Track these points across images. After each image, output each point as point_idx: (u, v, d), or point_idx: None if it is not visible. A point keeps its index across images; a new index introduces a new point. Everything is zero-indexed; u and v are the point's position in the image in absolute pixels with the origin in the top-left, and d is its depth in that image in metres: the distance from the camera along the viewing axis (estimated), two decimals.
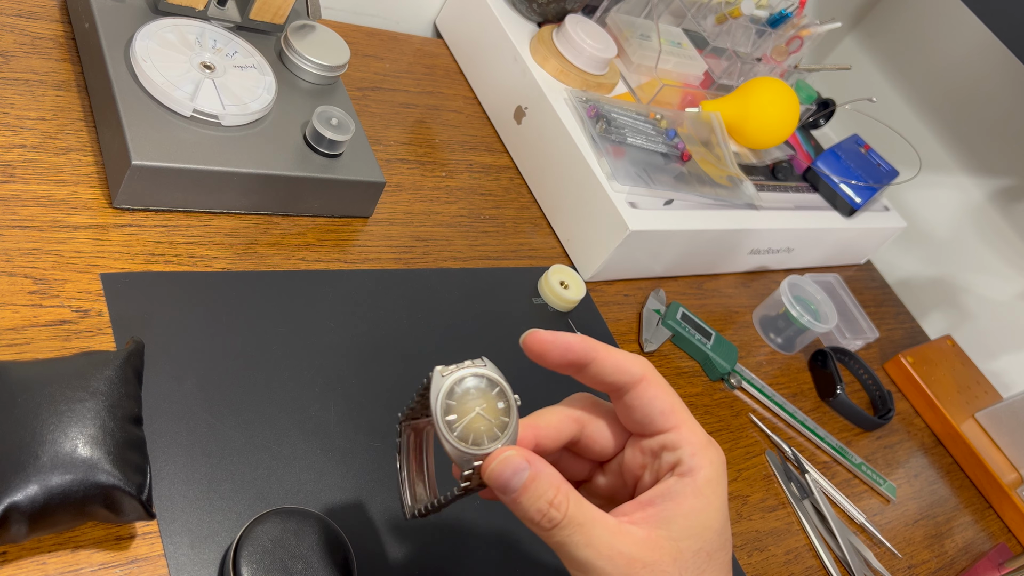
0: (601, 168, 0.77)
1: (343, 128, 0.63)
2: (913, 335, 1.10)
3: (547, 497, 0.37)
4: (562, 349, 0.40)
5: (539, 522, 0.38)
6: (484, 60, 0.87)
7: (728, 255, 0.89)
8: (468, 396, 0.38)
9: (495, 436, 0.38)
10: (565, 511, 0.37)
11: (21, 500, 0.38)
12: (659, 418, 0.40)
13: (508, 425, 0.38)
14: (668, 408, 0.40)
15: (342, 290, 0.62)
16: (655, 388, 0.40)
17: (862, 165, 1.01)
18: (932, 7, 1.19)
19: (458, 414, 0.38)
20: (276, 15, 0.66)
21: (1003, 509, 0.91)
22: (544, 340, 0.41)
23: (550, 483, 0.38)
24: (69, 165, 0.56)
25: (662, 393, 0.40)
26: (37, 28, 0.62)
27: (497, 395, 0.39)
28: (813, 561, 0.72)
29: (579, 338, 0.41)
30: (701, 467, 0.39)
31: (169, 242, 0.57)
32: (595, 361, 0.40)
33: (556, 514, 0.37)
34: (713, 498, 0.39)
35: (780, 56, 1.00)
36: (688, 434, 0.40)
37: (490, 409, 0.38)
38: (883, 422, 0.89)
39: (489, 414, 0.38)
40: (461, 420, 0.37)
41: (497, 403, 0.38)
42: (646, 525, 0.38)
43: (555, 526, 0.37)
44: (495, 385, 0.39)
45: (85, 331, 0.50)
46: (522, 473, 0.38)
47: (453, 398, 0.38)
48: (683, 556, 0.38)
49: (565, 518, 0.37)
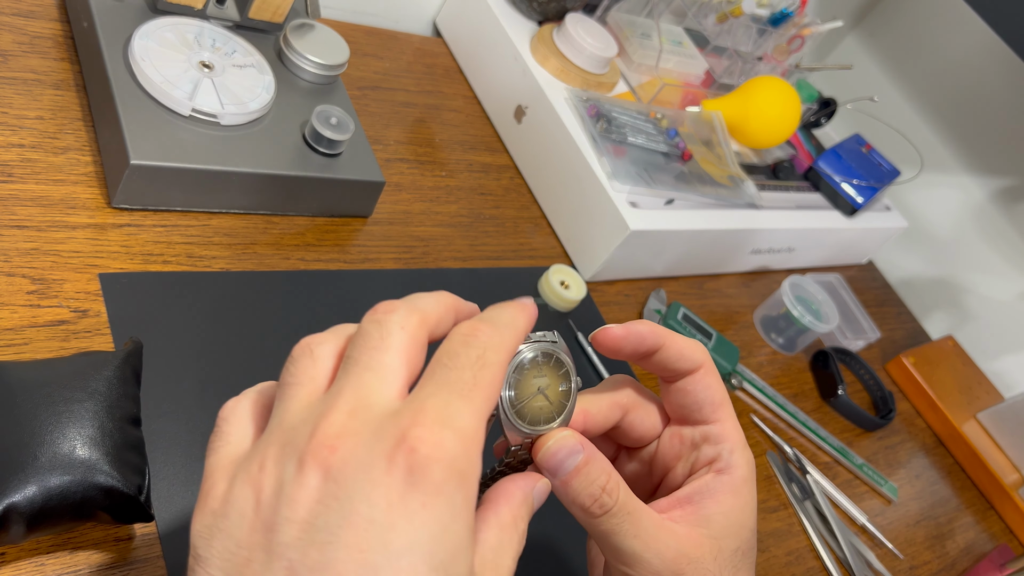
0: (602, 167, 0.77)
1: (342, 127, 0.63)
2: (915, 335, 1.10)
3: (599, 482, 0.37)
4: (636, 341, 0.40)
5: (590, 507, 0.37)
6: (484, 59, 0.87)
7: (729, 255, 0.89)
8: (533, 373, 0.37)
9: (551, 418, 0.37)
10: (617, 498, 0.37)
11: (19, 501, 0.38)
12: (708, 408, 0.40)
13: (566, 408, 0.38)
14: (719, 400, 0.40)
15: (341, 290, 0.62)
16: (711, 377, 0.40)
17: (863, 165, 1.01)
18: (934, 6, 1.19)
19: (519, 391, 0.36)
20: (275, 14, 0.66)
21: (1005, 510, 0.91)
22: (618, 336, 0.40)
23: (602, 469, 0.37)
24: (67, 165, 0.56)
25: (716, 383, 0.40)
26: (36, 27, 0.62)
27: (562, 376, 0.37)
28: (814, 562, 0.71)
29: (648, 327, 0.40)
30: (739, 465, 0.39)
31: (168, 242, 0.57)
32: (663, 348, 0.40)
33: (608, 500, 0.37)
34: (748, 497, 0.39)
35: (781, 55, 0.99)
36: (732, 430, 0.40)
37: (552, 389, 0.37)
38: (884, 423, 0.89)
39: (551, 394, 0.37)
40: (522, 397, 0.36)
41: (559, 385, 0.37)
42: (685, 523, 0.38)
43: (605, 512, 0.37)
44: (562, 366, 0.38)
45: (84, 331, 0.50)
46: (576, 456, 0.37)
47: (520, 373, 0.36)
48: (723, 554, 0.38)
49: (616, 505, 0.37)
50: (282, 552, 0.28)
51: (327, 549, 0.27)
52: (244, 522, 0.29)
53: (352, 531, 0.27)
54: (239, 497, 0.30)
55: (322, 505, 0.28)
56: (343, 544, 0.27)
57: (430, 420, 0.29)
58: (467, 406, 0.30)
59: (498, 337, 0.32)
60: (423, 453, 0.28)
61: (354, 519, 0.27)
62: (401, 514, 0.27)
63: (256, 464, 0.30)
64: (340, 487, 0.28)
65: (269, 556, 0.28)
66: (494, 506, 0.34)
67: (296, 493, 0.28)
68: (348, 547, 0.27)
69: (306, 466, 0.29)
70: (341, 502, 0.28)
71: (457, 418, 0.29)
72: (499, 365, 0.32)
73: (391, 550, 0.27)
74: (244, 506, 0.29)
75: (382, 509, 0.27)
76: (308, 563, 0.27)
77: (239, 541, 0.29)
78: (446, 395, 0.30)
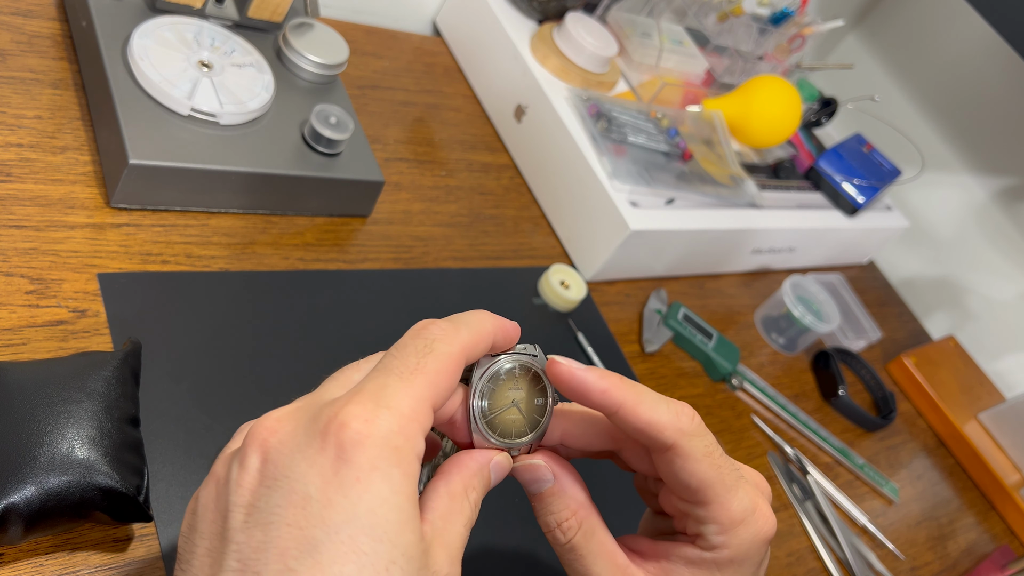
0: (602, 167, 0.77)
1: (342, 127, 0.63)
2: (916, 335, 1.10)
3: (559, 517, 0.37)
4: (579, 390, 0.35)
5: (548, 532, 0.38)
6: (484, 58, 0.87)
7: (730, 255, 0.89)
8: (509, 384, 0.36)
9: (522, 432, 0.37)
10: (571, 537, 0.37)
11: (18, 501, 0.38)
12: (686, 493, 0.36)
13: (539, 424, 0.37)
14: (697, 485, 0.36)
15: (341, 290, 0.61)
16: (682, 460, 0.35)
17: (864, 164, 1.01)
18: (935, 5, 1.18)
19: (492, 401, 0.36)
20: (274, 13, 0.66)
21: (1006, 511, 0.91)
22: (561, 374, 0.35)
23: (566, 504, 0.37)
24: (66, 164, 0.56)
25: (696, 467, 0.35)
26: (34, 26, 0.62)
27: (539, 391, 0.37)
28: (815, 563, 0.71)
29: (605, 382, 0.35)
30: (725, 547, 0.36)
31: (166, 242, 0.57)
32: (620, 410, 0.35)
33: (561, 537, 0.37)
34: (743, 570, 0.37)
35: (782, 54, 0.99)
36: (718, 512, 0.36)
37: (527, 403, 0.37)
38: (886, 423, 0.88)
39: (524, 408, 0.37)
40: (495, 408, 0.36)
41: (535, 399, 0.37)
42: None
43: (559, 545, 0.37)
44: (540, 380, 0.37)
45: (82, 331, 0.49)
46: (543, 484, 0.37)
47: (495, 383, 0.36)
48: None
49: (570, 543, 0.37)
50: (232, 536, 0.29)
51: (269, 529, 0.28)
52: (207, 514, 0.30)
53: (291, 509, 0.28)
54: (204, 494, 0.31)
55: (263, 487, 0.29)
56: (283, 522, 0.28)
57: (363, 399, 0.30)
58: (404, 387, 0.30)
59: (453, 331, 0.33)
60: (354, 429, 0.29)
61: (292, 498, 0.28)
62: (336, 489, 0.28)
63: (220, 461, 0.32)
64: (278, 468, 0.29)
65: (224, 543, 0.29)
66: (445, 476, 0.34)
67: (241, 478, 0.29)
68: (288, 525, 0.28)
69: (248, 451, 0.30)
70: (279, 482, 0.29)
71: (392, 397, 0.30)
72: (447, 355, 0.32)
73: (329, 525, 0.28)
74: (207, 500, 0.31)
75: (318, 486, 0.28)
76: (253, 544, 0.28)
77: (203, 533, 0.30)
78: (384, 378, 0.31)
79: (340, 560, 0.27)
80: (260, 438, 0.30)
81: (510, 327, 0.36)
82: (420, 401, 0.30)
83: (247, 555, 0.28)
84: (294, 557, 0.27)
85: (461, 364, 0.33)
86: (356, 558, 0.27)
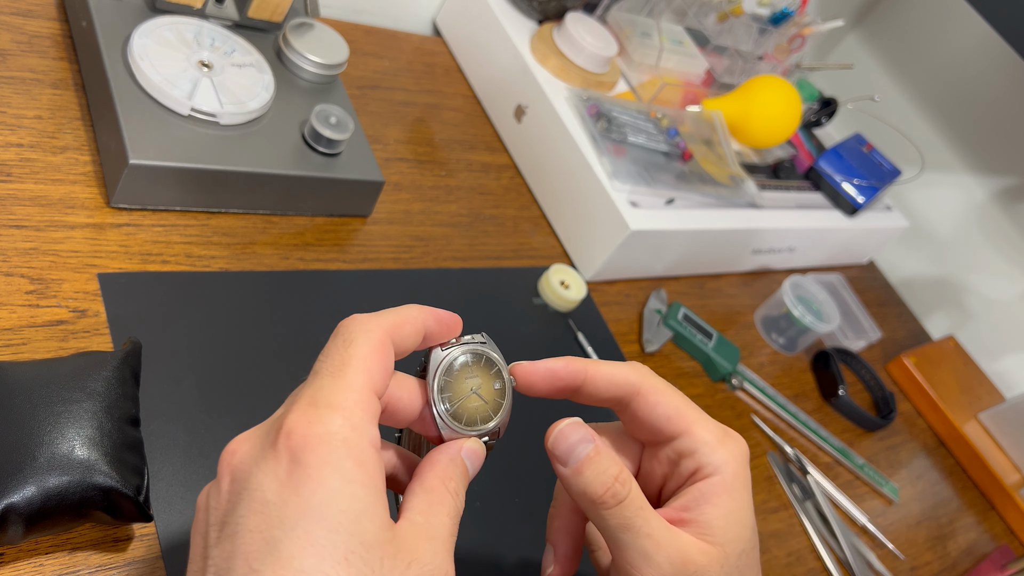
0: (602, 167, 0.77)
1: (342, 127, 0.63)
2: (916, 335, 1.10)
3: (612, 472, 0.36)
4: (546, 377, 0.38)
5: (602, 496, 0.36)
6: (484, 58, 0.87)
7: (730, 255, 0.89)
8: (464, 373, 0.37)
9: (488, 417, 0.37)
10: (630, 489, 0.36)
11: (18, 501, 0.38)
12: (666, 425, 0.38)
13: (502, 407, 0.37)
14: (673, 412, 0.38)
15: (341, 290, 0.61)
16: (655, 395, 0.38)
17: (864, 164, 1.01)
18: (935, 5, 1.18)
19: (453, 392, 0.37)
20: (274, 13, 0.66)
21: (1006, 510, 0.91)
22: (526, 372, 0.38)
23: (614, 459, 0.37)
24: (66, 164, 0.56)
25: (663, 398, 0.39)
26: (34, 26, 0.62)
27: (495, 375, 0.37)
28: (815, 563, 0.71)
29: (562, 361, 0.38)
30: (725, 463, 0.38)
31: (167, 242, 0.57)
32: (586, 381, 0.38)
33: (621, 490, 0.36)
34: (744, 491, 0.38)
35: (782, 54, 0.99)
36: (701, 433, 0.38)
37: (485, 389, 0.37)
38: (885, 423, 0.88)
39: (484, 394, 0.37)
40: (456, 400, 0.37)
41: (493, 384, 0.37)
42: (688, 531, 0.37)
43: (620, 503, 0.36)
44: (493, 364, 0.38)
45: (82, 331, 0.49)
46: (587, 445, 0.37)
47: (450, 375, 0.37)
48: (729, 561, 0.37)
49: (629, 496, 0.36)
50: (209, 553, 0.30)
51: (236, 538, 0.29)
52: (196, 539, 0.32)
53: (252, 516, 0.29)
54: (193, 524, 0.33)
55: (230, 504, 0.31)
56: (246, 529, 0.29)
57: (302, 405, 0.31)
58: (337, 382, 0.32)
59: (370, 318, 0.34)
60: (299, 433, 0.30)
61: (253, 505, 0.30)
62: (291, 490, 0.29)
63: (202, 493, 0.34)
64: (240, 483, 0.31)
65: (204, 562, 0.31)
66: (419, 475, 0.35)
67: (215, 501, 0.31)
68: (251, 531, 0.29)
69: (220, 477, 0.32)
70: (242, 495, 0.30)
71: (329, 396, 0.31)
72: (369, 340, 0.33)
73: (287, 523, 0.29)
74: (194, 528, 0.33)
75: (274, 491, 0.30)
76: (224, 555, 0.30)
77: (192, 558, 0.32)
78: (317, 381, 0.32)
79: (299, 554, 0.28)
80: (226, 462, 0.32)
81: (447, 317, 0.37)
82: (358, 391, 0.32)
83: (220, 567, 0.30)
84: (257, 559, 0.29)
85: (388, 345, 0.34)
86: (315, 551, 0.28)
